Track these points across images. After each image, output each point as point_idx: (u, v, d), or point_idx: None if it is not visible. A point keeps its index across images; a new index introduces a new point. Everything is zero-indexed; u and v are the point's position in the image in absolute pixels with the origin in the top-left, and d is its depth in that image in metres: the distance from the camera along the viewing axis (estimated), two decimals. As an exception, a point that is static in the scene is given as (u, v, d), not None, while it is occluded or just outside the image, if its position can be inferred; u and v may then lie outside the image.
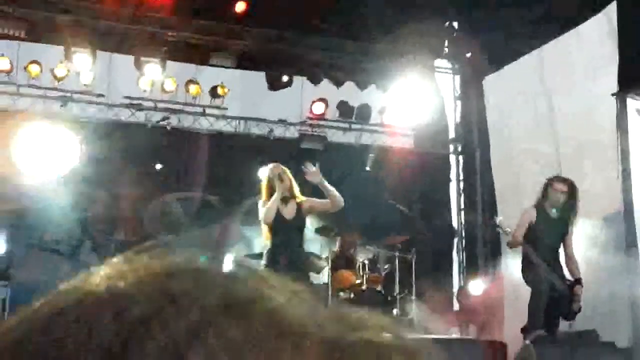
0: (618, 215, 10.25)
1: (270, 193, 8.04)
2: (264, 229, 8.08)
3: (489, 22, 13.02)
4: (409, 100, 13.43)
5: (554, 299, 8.35)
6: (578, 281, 8.60)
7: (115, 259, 0.69)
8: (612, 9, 10.49)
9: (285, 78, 13.32)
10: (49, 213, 12.56)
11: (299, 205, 8.10)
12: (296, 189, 8.21)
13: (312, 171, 8.14)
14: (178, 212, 13.11)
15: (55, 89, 12.68)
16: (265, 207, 7.92)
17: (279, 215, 7.95)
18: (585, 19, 11.06)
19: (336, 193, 8.27)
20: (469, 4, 13.54)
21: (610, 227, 10.31)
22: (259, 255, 8.33)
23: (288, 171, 8.22)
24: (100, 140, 12.68)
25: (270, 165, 8.29)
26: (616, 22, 10.41)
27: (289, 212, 8.04)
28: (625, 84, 10.29)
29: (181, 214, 13.13)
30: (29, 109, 12.63)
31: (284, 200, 7.99)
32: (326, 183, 8.21)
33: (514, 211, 9.54)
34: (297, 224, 8.13)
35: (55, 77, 12.50)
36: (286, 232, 8.00)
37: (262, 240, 8.38)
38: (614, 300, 9.85)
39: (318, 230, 10.83)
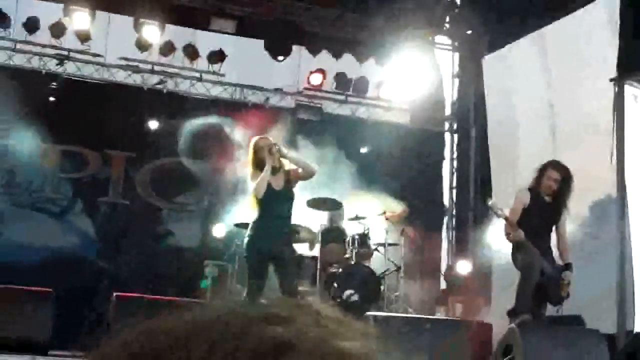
0: (610, 201, 10.26)
1: (257, 164, 7.95)
2: (252, 199, 8.02)
3: (491, 0, 12.94)
4: (407, 76, 13.37)
5: (543, 284, 8.34)
6: (568, 266, 8.58)
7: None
8: (615, -7, 10.43)
9: (284, 47, 13.23)
10: (39, 172, 12.53)
11: (287, 175, 8.05)
12: (284, 160, 8.14)
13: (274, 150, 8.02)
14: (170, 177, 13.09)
15: (52, 46, 12.59)
16: (256, 182, 7.84)
17: (268, 187, 7.89)
18: (588, 2, 11.00)
19: (304, 160, 8.22)
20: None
21: (602, 212, 10.32)
22: (246, 225, 8.29)
23: (275, 143, 8.13)
24: (95, 100, 12.63)
25: (257, 137, 8.20)
26: (618, 7, 10.35)
27: (277, 182, 7.98)
28: (624, 70, 10.26)
29: (173, 179, 13.10)
30: (24, 66, 12.56)
31: (273, 171, 7.92)
32: (292, 154, 8.16)
33: (509, 192, 9.51)
34: (286, 194, 8.06)
35: (53, 34, 12.40)
36: (275, 202, 7.94)
37: (249, 210, 8.30)
38: (601, 286, 9.88)
39: (309, 203, 10.82)
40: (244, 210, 9.00)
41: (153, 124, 12.89)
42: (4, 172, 12.22)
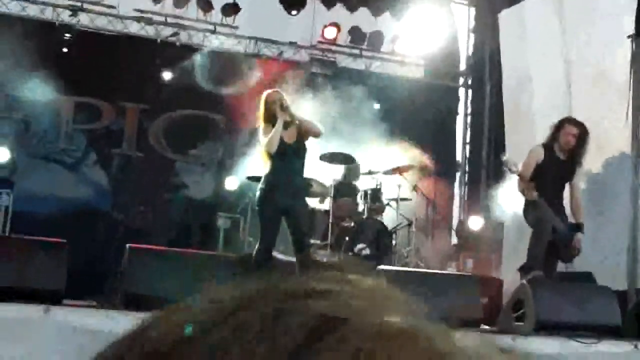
0: (624, 158, 10.22)
1: (269, 119, 7.91)
2: (263, 153, 7.99)
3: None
4: (422, 30, 13.27)
5: (554, 241, 8.35)
6: (579, 226, 8.58)
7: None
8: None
9: (298, 0, 13.14)
10: (53, 123, 12.56)
11: (299, 127, 8.00)
12: (295, 113, 8.08)
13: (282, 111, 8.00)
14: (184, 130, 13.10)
15: (66, -4, 12.55)
16: (268, 136, 7.80)
17: (280, 141, 7.86)
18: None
19: (310, 121, 8.15)
20: None
21: (616, 169, 10.30)
22: (259, 179, 8.29)
23: (286, 98, 8.09)
24: (108, 52, 12.61)
25: (269, 91, 8.15)
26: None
27: (289, 136, 7.93)
28: (643, 27, 10.15)
29: (186, 132, 13.11)
30: (37, 17, 12.52)
31: (285, 125, 7.88)
32: (298, 116, 8.06)
33: (523, 149, 9.48)
34: (298, 148, 8.02)
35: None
36: (287, 156, 7.89)
37: (261, 164, 8.28)
38: (612, 243, 9.88)
39: (322, 157, 10.81)
40: (256, 163, 8.99)
41: (167, 76, 12.86)
42: (19, 122, 12.24)
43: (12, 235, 9.99)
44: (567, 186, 8.73)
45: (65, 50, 12.39)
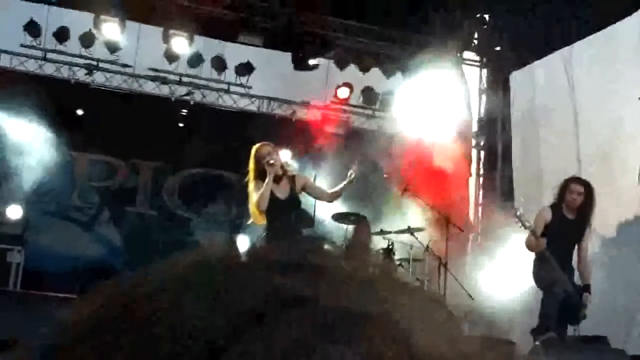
0: (636, 220, 10.16)
1: (259, 174, 7.80)
2: (254, 210, 7.76)
3: (520, 17, 12.91)
4: (434, 91, 13.33)
5: (565, 302, 8.28)
6: (586, 288, 8.49)
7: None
8: (645, 11, 10.37)
9: (312, 61, 13.25)
10: (68, 181, 12.61)
11: (291, 181, 7.91)
12: (285, 166, 7.99)
13: (354, 169, 8.04)
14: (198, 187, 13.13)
15: (82, 56, 12.68)
16: (258, 194, 7.62)
17: (272, 196, 7.69)
18: (617, 20, 10.94)
19: (320, 189, 8.15)
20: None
21: (628, 232, 10.23)
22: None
23: (276, 149, 8.01)
24: (123, 110, 12.70)
25: (258, 145, 7.94)
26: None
27: (282, 191, 7.80)
28: (654, 89, 10.18)
29: (200, 190, 13.14)
30: (54, 75, 12.66)
31: (276, 179, 7.73)
32: (342, 185, 8.05)
33: (534, 209, 9.45)
34: (292, 203, 7.88)
35: (83, 44, 12.50)
36: (281, 212, 7.74)
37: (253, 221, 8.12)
38: (627, 307, 9.78)
39: (335, 217, 10.79)
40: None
41: (181, 135, 12.94)
42: (34, 180, 12.29)
43: (21, 290, 9.99)
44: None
45: (80, 108, 12.50)
